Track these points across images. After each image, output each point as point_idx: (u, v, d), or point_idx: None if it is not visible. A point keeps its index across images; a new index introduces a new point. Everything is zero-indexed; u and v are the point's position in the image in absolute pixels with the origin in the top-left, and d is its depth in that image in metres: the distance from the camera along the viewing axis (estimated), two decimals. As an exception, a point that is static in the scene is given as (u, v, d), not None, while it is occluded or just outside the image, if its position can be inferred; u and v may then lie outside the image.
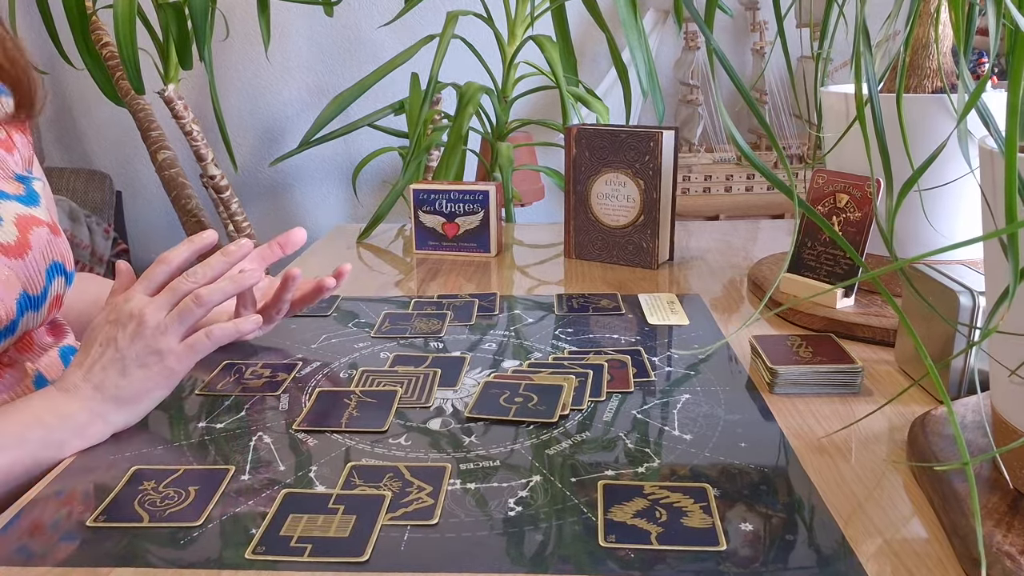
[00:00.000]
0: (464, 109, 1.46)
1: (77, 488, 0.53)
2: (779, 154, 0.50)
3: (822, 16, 0.74)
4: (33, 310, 0.66)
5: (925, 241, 0.78)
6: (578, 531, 0.47)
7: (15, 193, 0.67)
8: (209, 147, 1.93)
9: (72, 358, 0.72)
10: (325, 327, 0.83)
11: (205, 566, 0.45)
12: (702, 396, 0.64)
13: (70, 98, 2.46)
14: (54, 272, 0.68)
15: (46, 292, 0.67)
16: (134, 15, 1.61)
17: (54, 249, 0.68)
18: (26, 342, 0.70)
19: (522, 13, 1.66)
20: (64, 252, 0.70)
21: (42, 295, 0.66)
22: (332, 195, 2.51)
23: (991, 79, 0.74)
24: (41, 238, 0.67)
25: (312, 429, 0.61)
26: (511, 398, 0.64)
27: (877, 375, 0.68)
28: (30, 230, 0.65)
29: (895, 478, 0.52)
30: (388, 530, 0.48)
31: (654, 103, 1.51)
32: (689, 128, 2.31)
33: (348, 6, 2.31)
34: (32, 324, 0.67)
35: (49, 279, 0.67)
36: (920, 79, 0.77)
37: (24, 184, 0.69)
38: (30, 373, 0.68)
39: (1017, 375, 0.44)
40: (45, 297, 0.67)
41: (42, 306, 0.67)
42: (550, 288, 0.95)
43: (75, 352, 0.74)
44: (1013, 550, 0.41)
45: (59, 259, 0.69)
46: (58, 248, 0.69)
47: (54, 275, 0.68)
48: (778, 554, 0.45)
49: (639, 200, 0.98)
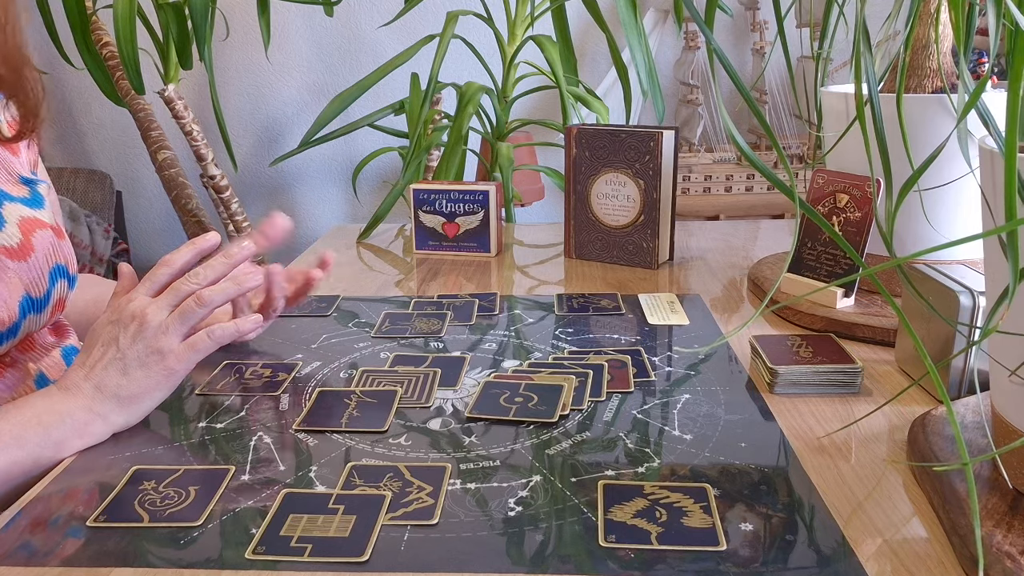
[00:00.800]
0: (464, 109, 1.46)
1: (77, 488, 0.53)
2: (779, 154, 0.50)
3: (822, 16, 0.74)
4: (35, 313, 0.66)
5: (925, 241, 0.78)
6: (578, 531, 0.47)
7: (20, 195, 0.67)
8: (209, 147, 1.93)
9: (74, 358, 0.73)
10: (325, 327, 0.83)
11: (205, 566, 0.45)
12: (702, 396, 0.64)
13: (70, 98, 2.46)
14: (57, 275, 0.68)
15: (49, 295, 0.67)
16: (134, 15, 1.61)
17: (58, 252, 0.68)
18: (28, 342, 0.70)
19: (522, 13, 1.66)
20: (68, 255, 0.70)
21: (45, 298, 0.66)
22: (332, 195, 2.51)
23: (991, 79, 0.74)
24: (45, 241, 0.67)
25: (312, 429, 0.61)
26: (511, 398, 0.64)
27: (877, 375, 0.68)
28: (33, 232, 0.65)
29: (895, 478, 0.52)
30: (388, 530, 0.48)
31: (654, 103, 1.51)
32: (689, 128, 2.31)
33: (348, 6, 2.31)
34: (34, 326, 0.67)
35: (52, 282, 0.67)
36: (920, 79, 0.77)
37: (29, 187, 0.69)
38: (32, 373, 0.68)
39: (1017, 375, 0.44)
40: (48, 300, 0.67)
41: (44, 309, 0.67)
42: (550, 288, 0.95)
43: (77, 352, 0.74)
44: (1013, 550, 0.41)
45: (62, 262, 0.69)
46: (62, 251, 0.69)
47: (57, 278, 0.68)
48: (778, 554, 0.45)
49: (639, 200, 0.98)
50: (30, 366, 0.68)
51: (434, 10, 2.29)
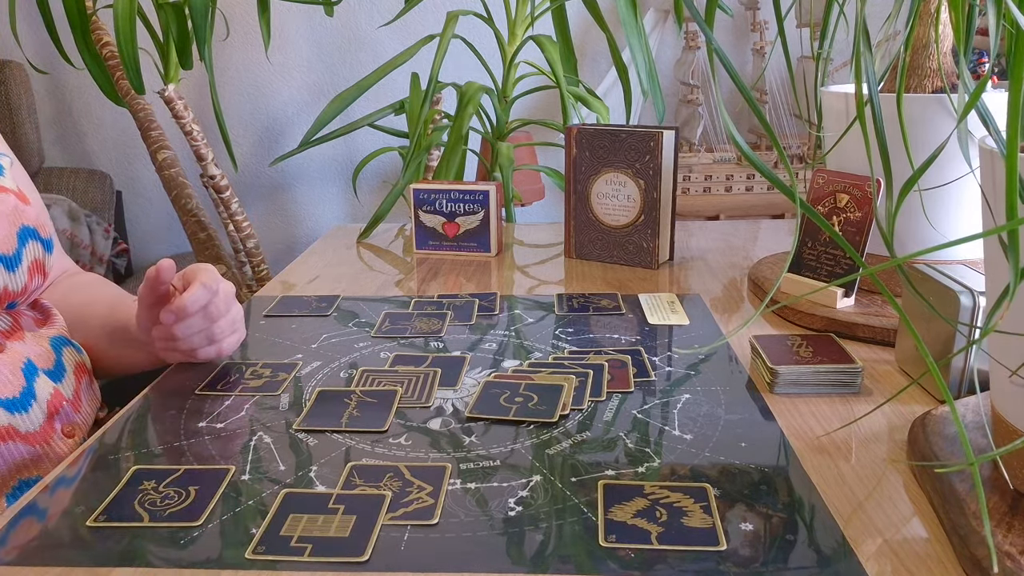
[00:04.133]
0: (464, 109, 1.46)
1: (77, 488, 0.53)
2: (780, 154, 0.50)
3: (822, 16, 0.74)
4: (8, 270, 0.68)
5: (925, 241, 0.78)
6: (578, 531, 0.47)
7: None
8: (209, 147, 1.93)
9: (63, 349, 0.73)
10: (325, 327, 0.83)
11: (205, 566, 0.45)
12: (702, 396, 0.64)
13: (70, 98, 2.46)
14: (26, 235, 0.71)
15: (19, 254, 0.70)
16: (134, 15, 1.60)
17: (23, 215, 0.71)
18: (14, 328, 0.71)
19: (522, 13, 1.65)
20: (37, 220, 0.73)
21: (15, 256, 0.69)
22: (332, 195, 2.51)
23: (991, 79, 0.74)
24: (7, 204, 0.70)
25: (312, 429, 0.61)
26: (511, 398, 0.64)
27: (877, 375, 0.68)
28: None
29: (895, 478, 0.52)
30: (388, 530, 0.48)
31: (654, 103, 1.51)
32: (689, 128, 2.31)
33: (348, 6, 2.31)
34: (11, 286, 0.69)
35: (21, 241, 0.70)
36: (920, 79, 0.77)
37: None
38: (20, 361, 0.68)
39: (1018, 375, 0.44)
40: (20, 258, 0.69)
41: (17, 268, 0.69)
42: (550, 288, 0.95)
43: (66, 343, 0.75)
44: (1013, 550, 0.41)
45: (30, 224, 0.72)
46: (28, 214, 0.72)
47: (27, 238, 0.71)
48: (778, 554, 0.45)
49: (639, 200, 0.98)
50: (18, 353, 0.69)
51: (434, 10, 2.29)
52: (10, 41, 2.33)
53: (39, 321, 0.76)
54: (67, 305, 0.81)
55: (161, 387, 0.69)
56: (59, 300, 0.82)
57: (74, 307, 0.82)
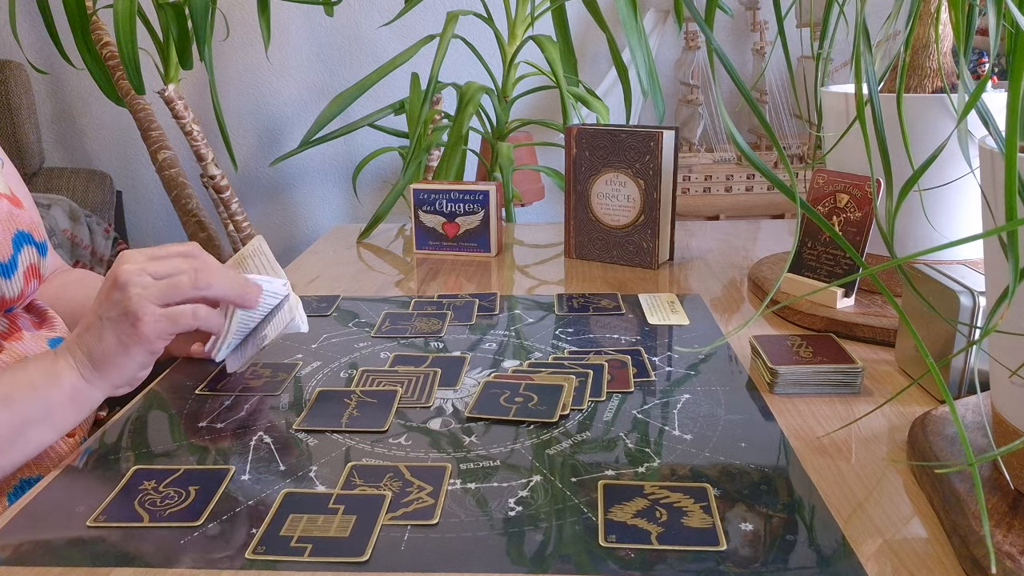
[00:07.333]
0: (464, 109, 1.46)
1: (77, 488, 0.53)
2: (780, 154, 0.50)
3: (822, 16, 0.74)
4: (4, 277, 0.67)
5: (925, 241, 0.78)
6: (578, 531, 0.47)
7: None
8: (209, 147, 1.93)
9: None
10: (325, 327, 0.83)
11: (205, 566, 0.45)
12: (702, 396, 0.64)
13: (70, 98, 2.46)
14: (21, 240, 0.70)
15: (15, 260, 0.68)
16: (134, 15, 1.60)
17: (16, 219, 0.70)
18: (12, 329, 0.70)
19: (522, 13, 1.65)
20: (31, 224, 0.72)
21: (11, 263, 0.68)
22: (332, 195, 2.51)
23: (991, 79, 0.74)
24: (0, 209, 0.68)
25: (312, 429, 0.61)
26: (511, 398, 0.64)
27: (877, 375, 0.68)
28: None
29: (895, 478, 0.52)
30: (388, 530, 0.48)
31: (654, 103, 1.51)
32: (689, 128, 2.31)
33: (348, 6, 2.31)
34: (8, 293, 0.68)
35: (16, 247, 0.69)
36: (920, 79, 0.77)
37: None
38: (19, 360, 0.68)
39: (1018, 375, 0.44)
40: (15, 265, 0.68)
41: (13, 274, 0.68)
42: (550, 288, 0.95)
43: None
44: (1013, 550, 0.41)
45: (25, 229, 0.70)
46: (22, 219, 0.70)
47: (22, 243, 0.70)
48: (778, 554, 0.45)
49: (639, 200, 0.98)
50: (17, 354, 0.69)
51: (434, 10, 2.29)
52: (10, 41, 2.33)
53: (36, 323, 0.76)
54: (62, 302, 0.81)
55: (161, 387, 0.69)
56: (52, 298, 0.82)
57: (69, 303, 0.82)
